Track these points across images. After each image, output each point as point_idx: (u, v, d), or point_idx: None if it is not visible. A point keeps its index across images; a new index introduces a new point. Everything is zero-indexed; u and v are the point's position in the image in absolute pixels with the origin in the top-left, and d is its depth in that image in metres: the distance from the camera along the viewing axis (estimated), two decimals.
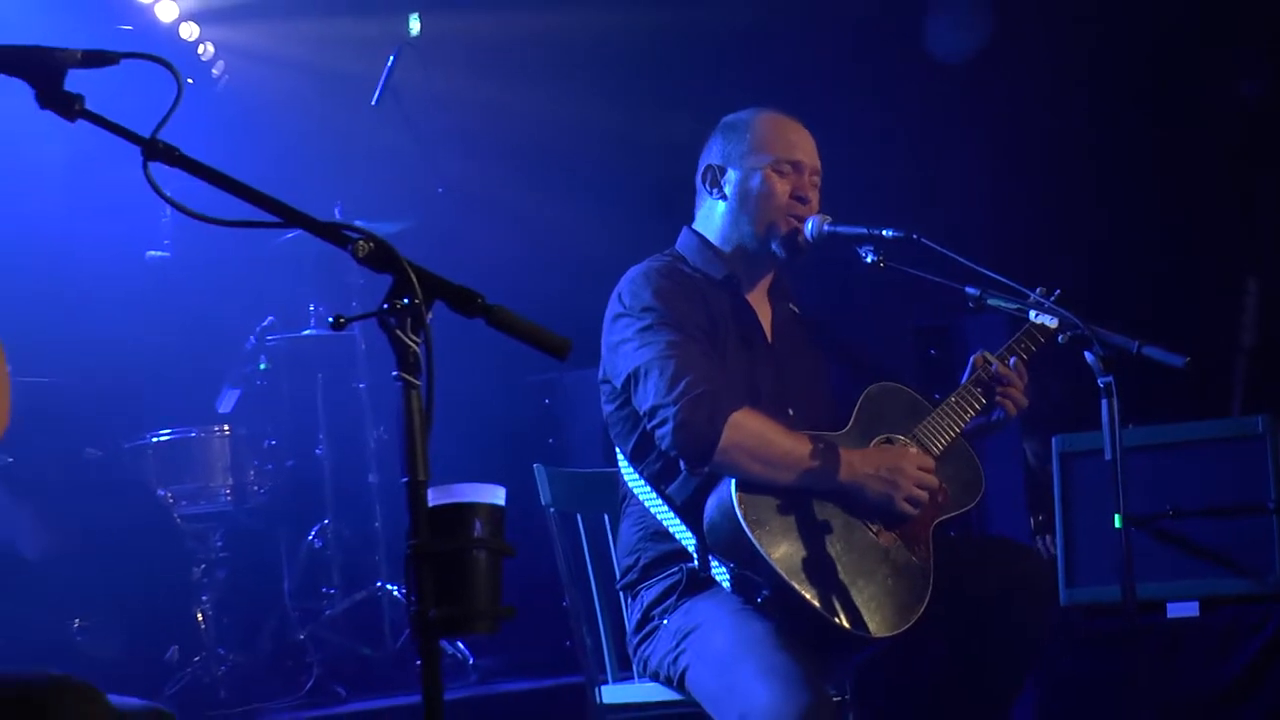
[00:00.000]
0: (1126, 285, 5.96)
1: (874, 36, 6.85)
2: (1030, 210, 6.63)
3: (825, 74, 6.70)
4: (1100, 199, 6.52)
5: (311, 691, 5.71)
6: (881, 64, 6.88)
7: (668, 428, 3.70)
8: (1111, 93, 6.59)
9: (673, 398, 3.69)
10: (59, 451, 5.71)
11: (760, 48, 6.89)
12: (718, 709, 3.63)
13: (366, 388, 6.66)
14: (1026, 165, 6.76)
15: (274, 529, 6.43)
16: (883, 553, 3.79)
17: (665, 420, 3.70)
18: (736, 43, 6.94)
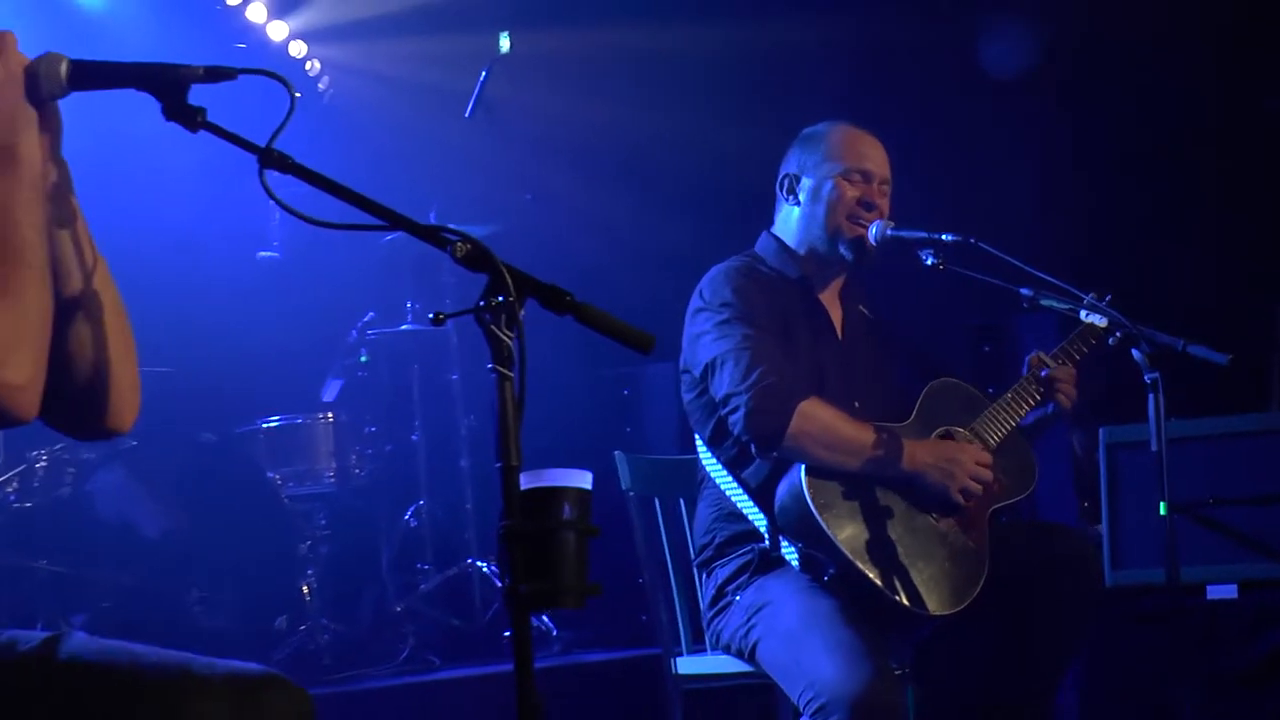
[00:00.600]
0: (1171, 288, 5.89)
1: (931, 56, 6.82)
2: (1077, 215, 6.60)
3: (888, 90, 6.68)
4: (1144, 207, 6.47)
5: (407, 660, 5.72)
6: (939, 81, 6.85)
7: (740, 414, 3.72)
8: (1154, 106, 6.54)
9: (745, 386, 3.71)
10: (178, 436, 5.75)
11: (829, 65, 6.87)
12: (786, 680, 3.64)
13: (458, 379, 6.67)
14: (1074, 174, 6.73)
15: (373, 509, 6.46)
16: (941, 536, 3.78)
17: (738, 407, 3.72)
18: (806, 60, 6.91)
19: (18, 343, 2.04)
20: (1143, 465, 5.10)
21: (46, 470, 5.55)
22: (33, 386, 2.06)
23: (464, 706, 5.14)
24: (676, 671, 3.97)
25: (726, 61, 7.01)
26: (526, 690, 2.06)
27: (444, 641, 5.99)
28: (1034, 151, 6.86)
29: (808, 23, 6.85)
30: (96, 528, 5.52)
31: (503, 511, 2.07)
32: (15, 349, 2.03)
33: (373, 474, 6.41)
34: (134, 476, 5.61)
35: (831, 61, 6.90)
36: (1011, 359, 5.26)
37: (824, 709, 3.46)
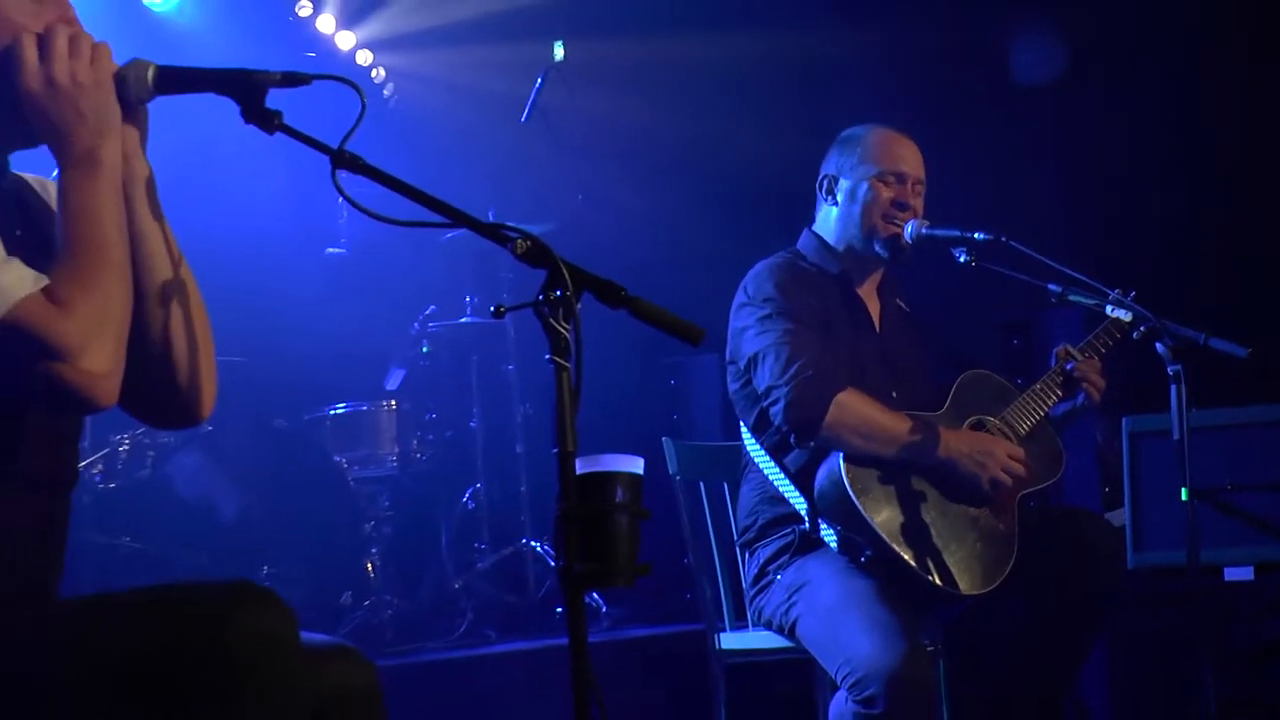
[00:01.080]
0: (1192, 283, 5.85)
1: (962, 63, 6.80)
2: (1102, 214, 6.56)
3: (922, 95, 6.65)
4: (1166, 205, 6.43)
5: (465, 634, 5.74)
6: (970, 86, 6.82)
7: (780, 405, 3.72)
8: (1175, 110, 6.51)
9: (785, 379, 3.72)
10: (251, 422, 5.78)
11: (865, 72, 6.85)
12: (825, 655, 3.64)
13: (514, 369, 6.68)
14: (1099, 175, 6.69)
15: (433, 491, 6.46)
16: (972, 520, 3.78)
17: (778, 399, 3.73)
18: (844, 67, 6.89)
19: (99, 333, 2.05)
20: (1164, 453, 5.07)
21: (128, 453, 5.59)
22: (113, 375, 2.08)
23: (518, 679, 5.14)
24: (720, 647, 3.98)
25: (768, 69, 6.99)
26: (580, 664, 2.07)
27: (499, 617, 6.00)
28: (1061, 154, 6.83)
29: (845, 32, 6.83)
30: (174, 507, 5.55)
31: (559, 495, 2.08)
32: (96, 339, 2.05)
33: (433, 458, 6.44)
34: (210, 459, 5.64)
35: (868, 68, 6.87)
36: (1039, 352, 5.22)
37: (860, 683, 3.46)
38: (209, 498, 5.59)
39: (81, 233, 2.11)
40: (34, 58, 2.15)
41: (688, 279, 6.07)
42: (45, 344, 2.01)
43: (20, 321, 2.00)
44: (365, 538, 5.91)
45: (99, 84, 2.16)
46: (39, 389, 2.05)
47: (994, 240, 3.90)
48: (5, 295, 2.00)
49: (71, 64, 2.15)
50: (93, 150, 2.15)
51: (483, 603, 6.01)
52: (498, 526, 6.51)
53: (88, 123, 2.15)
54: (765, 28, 6.97)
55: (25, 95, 2.14)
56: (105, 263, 2.10)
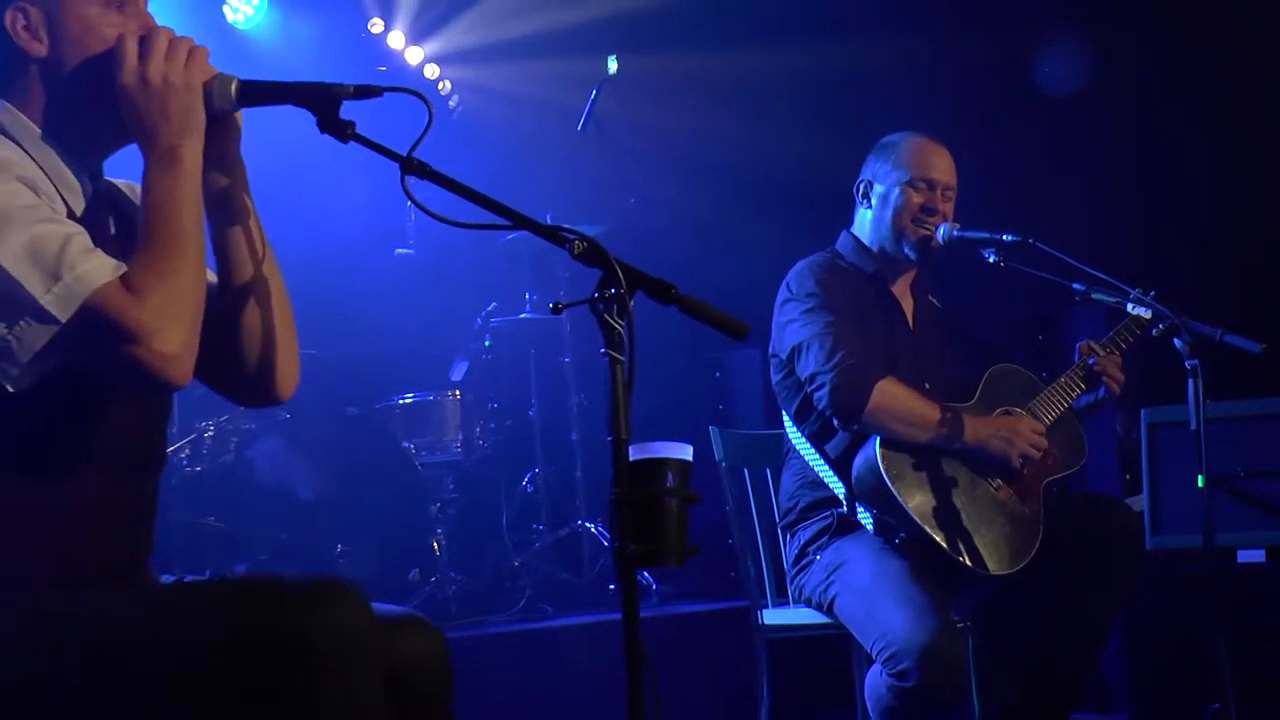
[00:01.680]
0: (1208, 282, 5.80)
1: (992, 74, 6.76)
2: (1124, 215, 6.52)
3: (953, 104, 6.61)
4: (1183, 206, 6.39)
5: (523, 609, 5.74)
6: (999, 96, 6.79)
7: (824, 391, 3.72)
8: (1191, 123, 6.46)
9: (829, 367, 3.72)
10: (326, 410, 5.81)
11: (900, 82, 6.83)
12: (860, 631, 3.64)
13: (570, 361, 6.67)
14: (1120, 178, 6.66)
15: (494, 475, 6.48)
16: (1000, 505, 3.76)
17: (823, 385, 3.73)
18: (880, 78, 6.87)
19: (172, 317, 2.05)
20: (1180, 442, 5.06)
21: (213, 439, 5.63)
22: (184, 356, 2.08)
23: (573, 650, 5.15)
24: (762, 622, 3.98)
25: (807, 79, 6.97)
26: (634, 637, 2.07)
27: (556, 593, 6.01)
28: (1083, 160, 6.78)
29: (880, 44, 6.80)
30: (255, 489, 5.59)
31: (613, 479, 2.07)
32: (169, 322, 2.05)
33: (494, 445, 6.45)
34: (287, 445, 5.68)
35: (901, 78, 6.84)
36: (1063, 347, 5.19)
37: (895, 657, 3.47)
38: (286, 480, 5.62)
39: (159, 224, 2.12)
40: (134, 57, 2.16)
41: (731, 277, 6.06)
42: (121, 327, 2.01)
43: (99, 306, 2.01)
44: (431, 518, 5.93)
45: (188, 87, 2.18)
46: (117, 370, 2.06)
47: (1021, 241, 3.89)
48: (86, 282, 2.01)
49: (166, 65, 2.17)
50: (175, 148, 2.16)
51: (540, 579, 6.02)
52: (554, 509, 6.52)
53: (172, 122, 2.16)
54: (804, 41, 6.94)
55: (120, 90, 2.16)
56: (180, 252, 2.10)
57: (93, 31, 2.20)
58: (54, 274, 2.00)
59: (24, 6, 2.19)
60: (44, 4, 2.20)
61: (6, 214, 2.02)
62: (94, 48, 2.20)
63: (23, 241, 2.01)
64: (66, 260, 2.01)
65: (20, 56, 2.21)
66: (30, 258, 2.00)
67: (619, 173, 6.91)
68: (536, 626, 5.45)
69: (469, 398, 6.32)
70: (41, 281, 1.99)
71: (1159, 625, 5.26)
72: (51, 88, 2.22)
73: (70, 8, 2.20)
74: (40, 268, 2.00)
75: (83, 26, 2.21)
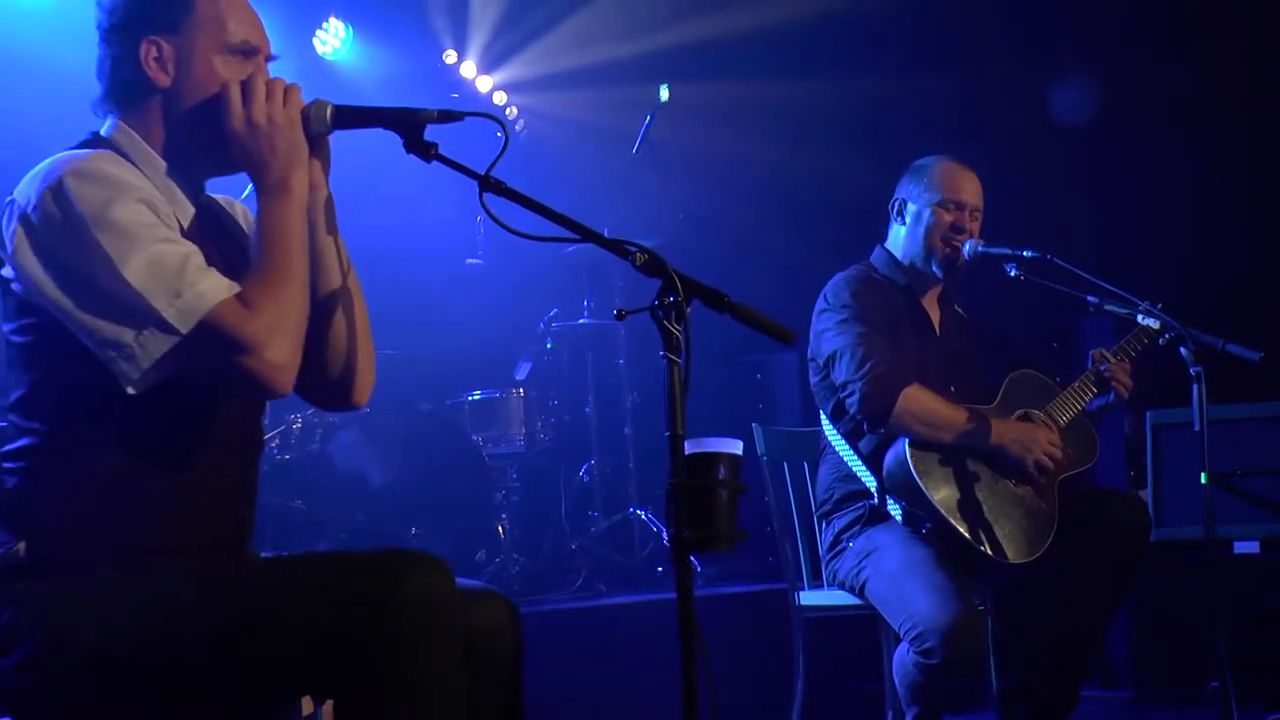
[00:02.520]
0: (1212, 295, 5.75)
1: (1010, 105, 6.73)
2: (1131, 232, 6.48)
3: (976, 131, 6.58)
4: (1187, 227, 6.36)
5: (580, 588, 5.74)
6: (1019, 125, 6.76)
7: (855, 397, 3.71)
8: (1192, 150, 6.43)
9: (860, 375, 3.70)
10: (400, 406, 5.82)
11: (926, 110, 6.80)
12: (889, 612, 3.62)
13: (624, 363, 6.67)
14: (1128, 201, 6.63)
15: (554, 466, 6.48)
16: (1019, 499, 3.74)
17: (853, 391, 3.71)
18: (907, 106, 6.85)
19: (280, 332, 2.09)
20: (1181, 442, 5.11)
21: (301, 430, 5.66)
22: (290, 367, 2.11)
23: (625, 626, 5.15)
24: (799, 603, 3.97)
25: (840, 108, 6.96)
26: (688, 614, 2.07)
27: (609, 573, 6.00)
28: (1095, 182, 6.75)
29: (908, 76, 6.78)
30: (337, 476, 5.61)
31: (670, 471, 2.07)
32: (277, 336, 2.08)
33: (554, 438, 6.45)
34: (366, 437, 5.69)
35: (928, 108, 6.82)
36: (1075, 354, 5.16)
37: (920, 636, 3.45)
38: (365, 469, 5.64)
39: (271, 249, 2.15)
40: (239, 102, 2.20)
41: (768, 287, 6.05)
42: (236, 340, 2.05)
43: (217, 320, 2.05)
44: (496, 504, 5.93)
45: (291, 123, 2.21)
46: (230, 377, 2.09)
47: (1040, 257, 3.87)
48: (205, 299, 2.05)
49: (268, 107, 2.19)
50: (284, 180, 2.19)
51: (595, 561, 6.02)
52: (608, 497, 6.52)
53: (280, 157, 2.19)
54: (837, 73, 6.94)
55: (230, 135, 2.19)
56: (289, 275, 2.14)
57: (215, 76, 2.23)
58: (176, 290, 2.04)
59: (159, 41, 2.22)
60: (177, 42, 2.23)
61: (132, 233, 2.05)
62: (211, 90, 2.23)
63: (147, 260, 2.04)
64: (186, 278, 2.05)
65: (145, 83, 2.24)
66: (154, 275, 2.04)
67: (669, 191, 6.89)
68: (591, 604, 5.46)
69: (531, 395, 6.33)
70: (165, 297, 2.03)
71: (1161, 610, 5.23)
72: (168, 117, 2.25)
73: (201, 50, 2.23)
74: (163, 284, 2.04)
75: (207, 70, 2.23)
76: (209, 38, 2.23)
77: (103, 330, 2.05)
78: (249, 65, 2.26)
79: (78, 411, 2.15)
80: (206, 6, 2.24)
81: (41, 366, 2.16)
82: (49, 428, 2.16)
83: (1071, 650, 3.86)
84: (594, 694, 4.70)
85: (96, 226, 2.04)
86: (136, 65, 2.23)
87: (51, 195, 2.07)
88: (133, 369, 2.05)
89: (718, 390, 6.52)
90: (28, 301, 2.12)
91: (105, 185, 2.08)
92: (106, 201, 2.06)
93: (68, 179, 2.07)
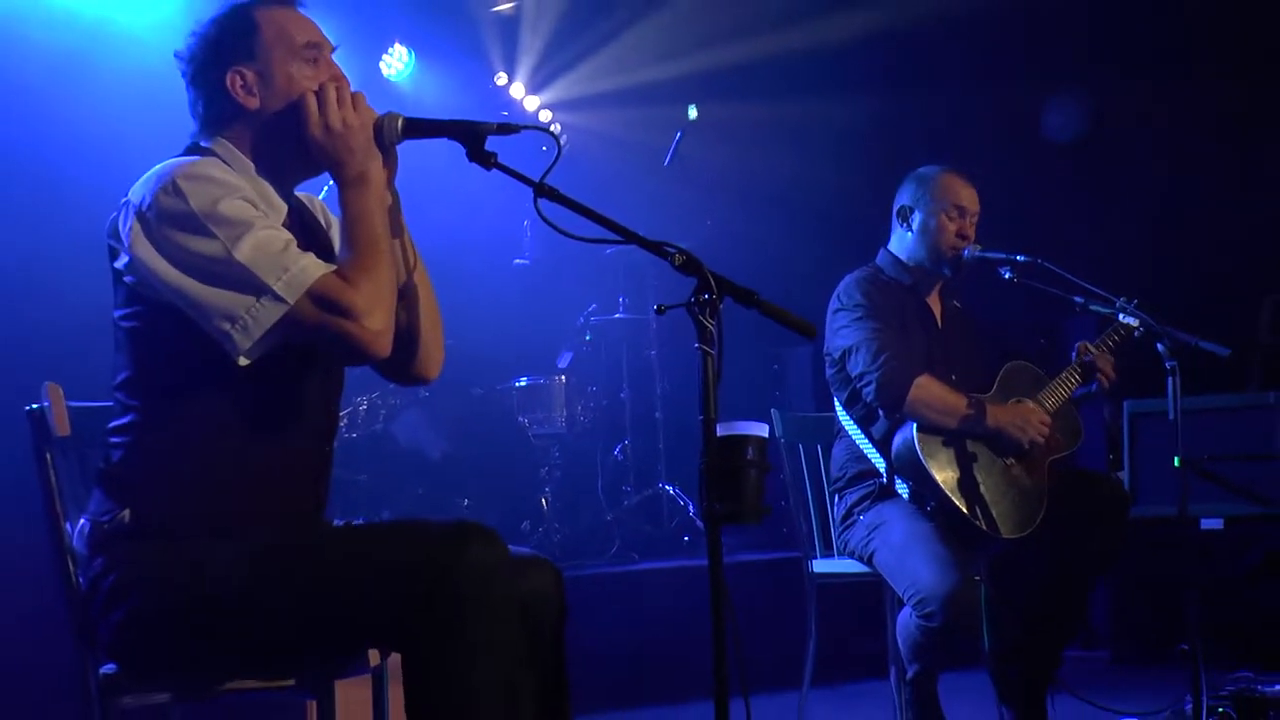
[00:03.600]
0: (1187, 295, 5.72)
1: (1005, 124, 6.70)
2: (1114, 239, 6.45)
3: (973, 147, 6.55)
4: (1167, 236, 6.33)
5: (614, 555, 5.75)
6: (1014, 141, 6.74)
7: (871, 387, 3.68)
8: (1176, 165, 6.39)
9: (875, 366, 3.68)
10: (456, 390, 5.83)
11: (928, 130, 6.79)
12: (895, 580, 3.61)
13: (655, 354, 6.67)
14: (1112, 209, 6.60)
15: (591, 446, 6.47)
16: (1013, 479, 3.71)
17: (870, 382, 3.69)
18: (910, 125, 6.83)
19: (378, 302, 2.12)
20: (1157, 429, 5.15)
21: (366, 411, 5.68)
22: (386, 333, 2.14)
23: (655, 588, 5.17)
24: (812, 570, 3.95)
25: (850, 126, 6.95)
26: (718, 579, 2.06)
27: (641, 542, 6.00)
28: (1083, 193, 6.72)
29: (913, 98, 6.76)
30: (398, 453, 5.63)
31: (703, 451, 2.06)
32: (376, 306, 2.11)
33: (592, 421, 6.44)
34: (425, 417, 5.71)
35: (931, 126, 6.80)
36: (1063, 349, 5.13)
37: (923, 602, 3.44)
38: (423, 446, 5.66)
39: (359, 232, 2.17)
40: (315, 110, 2.21)
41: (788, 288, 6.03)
42: (341, 307, 2.08)
43: (322, 291, 2.08)
44: (540, 480, 5.93)
45: (363, 125, 2.22)
46: (335, 343, 2.11)
47: (1032, 262, 3.83)
48: (309, 273, 2.08)
49: (342, 112, 2.20)
50: (363, 173, 2.20)
51: (628, 531, 6.02)
52: (640, 474, 6.52)
53: (356, 155, 2.20)
54: (848, 95, 6.93)
55: (310, 139, 2.21)
56: (378, 252, 2.16)
57: (294, 84, 2.25)
58: (283, 266, 2.07)
59: (241, 70, 2.24)
60: (257, 65, 2.24)
61: (239, 222, 2.08)
62: (294, 95, 2.23)
63: (253, 243, 2.07)
64: (289, 257, 2.08)
65: (237, 109, 2.26)
66: (261, 254, 2.07)
67: (697, 201, 6.89)
68: (625, 569, 5.47)
69: (572, 382, 6.32)
70: (273, 272, 2.06)
71: (1136, 580, 5.23)
72: (258, 131, 2.26)
73: (279, 66, 2.25)
74: (270, 262, 2.07)
75: (286, 80, 2.25)
76: (280, 51, 2.24)
77: (218, 306, 2.06)
78: (319, 66, 2.27)
79: (175, 392, 2.17)
80: (269, 26, 2.25)
81: (144, 351, 2.18)
82: (149, 406, 2.18)
83: (1058, 616, 3.83)
84: (626, 649, 4.71)
85: (208, 219, 2.07)
86: (227, 96, 2.24)
87: (165, 194, 2.09)
88: (245, 339, 2.06)
89: (739, 378, 6.49)
90: (136, 291, 2.15)
91: (212, 184, 2.11)
92: (215, 198, 2.09)
93: (179, 180, 2.10)
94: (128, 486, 2.16)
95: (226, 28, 2.26)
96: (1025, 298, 4.10)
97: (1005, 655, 3.83)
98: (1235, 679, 4.03)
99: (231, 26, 2.25)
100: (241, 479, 2.18)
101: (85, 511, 2.22)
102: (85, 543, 2.18)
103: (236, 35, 2.25)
